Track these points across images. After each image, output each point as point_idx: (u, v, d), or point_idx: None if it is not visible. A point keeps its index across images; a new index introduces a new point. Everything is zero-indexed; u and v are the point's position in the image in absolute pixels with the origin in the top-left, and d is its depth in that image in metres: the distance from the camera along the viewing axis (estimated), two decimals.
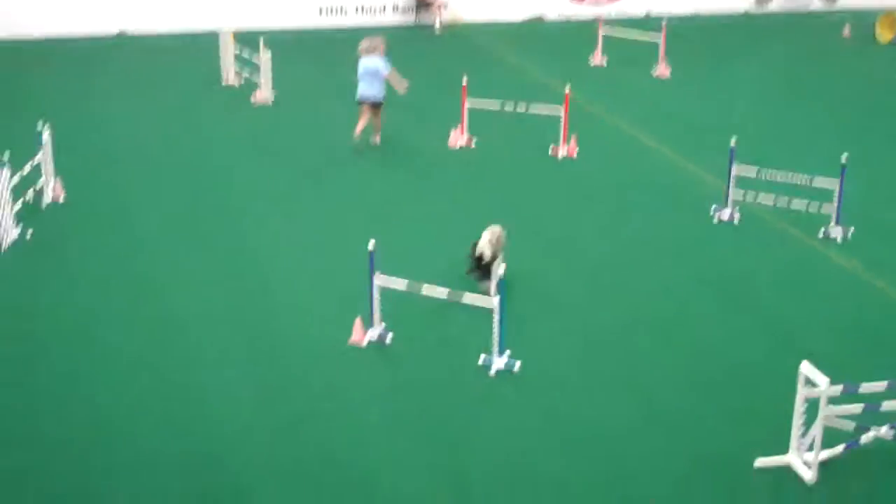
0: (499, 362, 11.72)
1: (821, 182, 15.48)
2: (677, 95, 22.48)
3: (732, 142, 15.87)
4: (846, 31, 27.95)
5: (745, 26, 29.15)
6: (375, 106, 18.31)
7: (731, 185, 15.96)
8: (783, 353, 12.03)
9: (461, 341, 12.21)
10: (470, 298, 11.76)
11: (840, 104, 22.22)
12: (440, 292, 11.91)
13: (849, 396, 9.93)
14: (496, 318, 11.59)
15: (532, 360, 11.87)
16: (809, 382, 9.84)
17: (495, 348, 11.74)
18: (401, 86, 18.26)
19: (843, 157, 15.23)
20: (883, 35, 27.44)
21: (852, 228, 15.51)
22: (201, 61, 23.82)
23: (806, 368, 9.88)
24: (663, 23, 24.31)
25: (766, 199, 15.97)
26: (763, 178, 15.81)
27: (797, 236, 15.51)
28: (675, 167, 18.29)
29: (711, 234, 15.65)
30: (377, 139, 18.68)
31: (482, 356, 11.83)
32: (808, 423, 9.94)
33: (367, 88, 18.12)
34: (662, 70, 23.87)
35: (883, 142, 19.89)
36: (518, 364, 11.77)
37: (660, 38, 23.92)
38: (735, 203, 16.04)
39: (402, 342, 12.22)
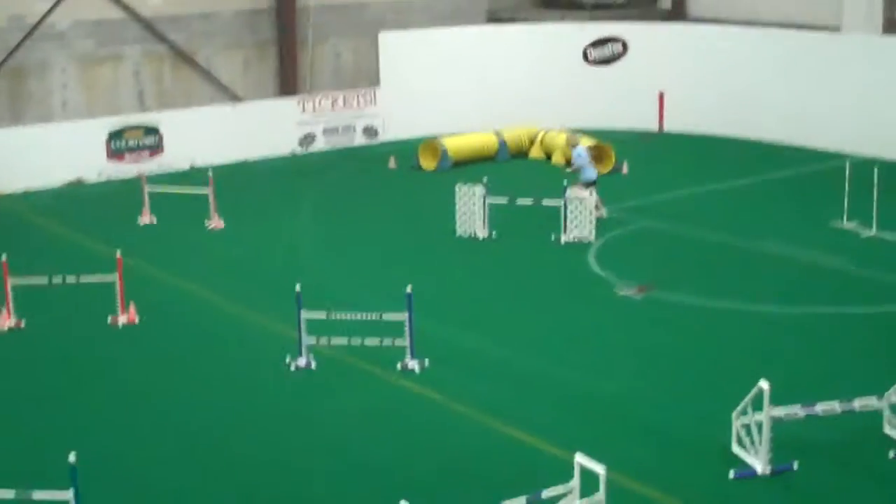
0: None
1: (390, 316, 16.11)
2: (235, 246, 22.70)
3: (297, 287, 16.20)
4: (392, 162, 29.50)
5: (293, 167, 30.03)
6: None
7: (302, 331, 16.25)
8: (381, 495, 12.27)
9: None
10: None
11: (396, 233, 23.33)
12: None
13: None
14: None
15: None
16: None
17: None
18: None
19: (408, 289, 15.95)
20: (426, 163, 29.23)
21: (427, 359, 16.20)
22: None
23: None
24: (209, 174, 24.57)
25: (339, 340, 16.38)
26: (333, 319, 16.24)
27: (376, 373, 16.00)
28: (244, 321, 18.40)
29: (290, 384, 15.82)
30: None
31: None
32: None
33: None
34: (216, 222, 24.06)
35: (447, 266, 21.04)
36: None
37: (208, 190, 24.13)
38: (309, 349, 16.32)
39: None
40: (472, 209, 22.75)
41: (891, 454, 13.20)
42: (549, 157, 29.82)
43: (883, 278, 19.69)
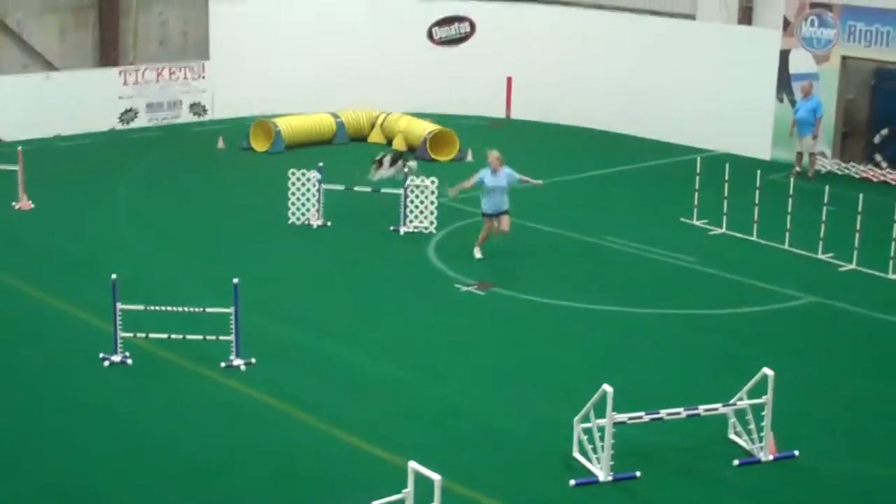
0: None
1: (214, 310, 15.91)
2: (45, 230, 22.12)
3: (113, 276, 15.87)
4: (220, 142, 29.13)
5: (113, 144, 29.42)
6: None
7: (118, 324, 15.92)
8: (202, 503, 12.17)
9: None
10: None
11: (223, 219, 23.06)
12: None
13: None
14: None
15: None
16: None
17: None
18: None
19: (235, 280, 15.76)
20: (258, 144, 28.95)
21: (254, 357, 16.04)
22: None
23: None
24: (19, 149, 23.90)
25: (158, 335, 16.12)
26: (152, 311, 15.97)
27: (199, 371, 15.78)
28: (53, 312, 17.95)
29: (104, 381, 15.49)
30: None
31: None
32: None
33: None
34: (24, 203, 23.40)
35: (277, 256, 20.87)
36: None
37: (17, 167, 23.46)
38: (125, 343, 16.00)
39: None
40: (305, 195, 22.62)
41: (735, 462, 13.58)
42: (389, 141, 29.83)
43: (731, 278, 20.25)
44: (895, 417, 15.08)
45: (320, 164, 22.85)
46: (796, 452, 13.78)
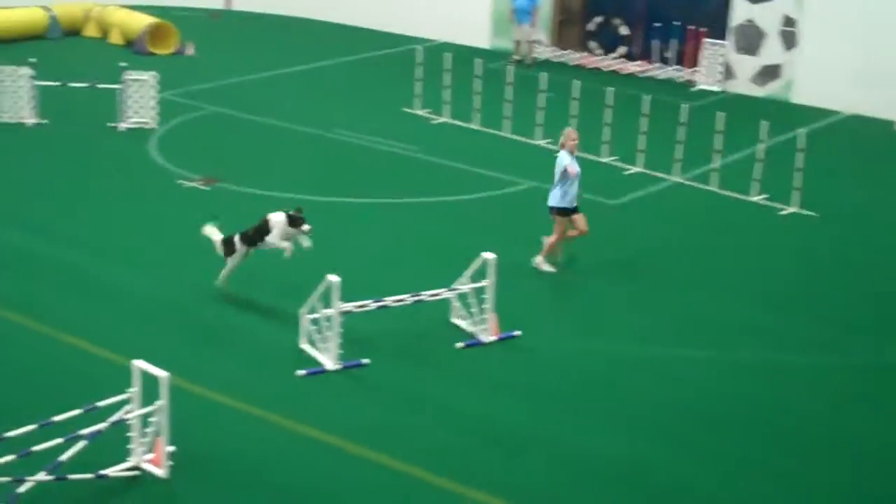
0: None
1: None
2: None
3: None
4: None
5: None
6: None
7: None
8: None
9: None
10: None
11: None
12: None
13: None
14: None
15: None
16: None
17: None
18: None
19: None
20: None
21: None
22: None
23: None
24: None
25: None
26: None
27: None
28: None
29: None
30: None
31: None
32: None
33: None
34: None
35: None
36: None
37: None
38: None
39: None
40: (17, 92, 21.77)
41: (459, 344, 14.02)
42: (105, 35, 29.00)
43: (454, 166, 20.70)
44: (606, 296, 15.84)
45: (31, 59, 22.02)
46: (517, 333, 14.35)
